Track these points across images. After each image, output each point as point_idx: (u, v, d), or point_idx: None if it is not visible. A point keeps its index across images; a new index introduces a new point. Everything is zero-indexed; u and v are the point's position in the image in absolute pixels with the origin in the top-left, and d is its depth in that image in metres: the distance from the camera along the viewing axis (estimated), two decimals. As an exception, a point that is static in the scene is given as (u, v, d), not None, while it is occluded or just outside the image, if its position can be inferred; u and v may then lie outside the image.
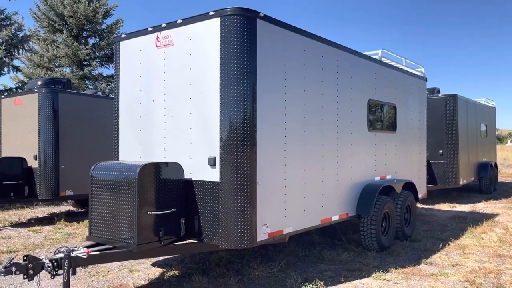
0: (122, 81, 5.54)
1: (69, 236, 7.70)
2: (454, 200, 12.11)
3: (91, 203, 4.68)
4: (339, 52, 5.98)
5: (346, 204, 6.13)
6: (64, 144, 9.01)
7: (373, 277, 5.29)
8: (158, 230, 4.41)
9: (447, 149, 11.55)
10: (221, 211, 4.48)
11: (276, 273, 5.43)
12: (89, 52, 18.43)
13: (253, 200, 4.48)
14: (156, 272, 5.54)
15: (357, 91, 6.42)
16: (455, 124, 11.63)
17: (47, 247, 6.91)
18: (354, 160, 6.35)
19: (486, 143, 14.75)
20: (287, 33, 5.02)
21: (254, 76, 4.51)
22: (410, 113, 8.08)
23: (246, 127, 4.44)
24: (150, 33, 5.19)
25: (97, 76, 18.85)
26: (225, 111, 4.45)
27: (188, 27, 4.82)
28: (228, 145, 4.44)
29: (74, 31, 18.30)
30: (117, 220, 4.41)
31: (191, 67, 4.77)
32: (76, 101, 9.31)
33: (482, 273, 5.46)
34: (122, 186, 4.35)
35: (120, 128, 5.58)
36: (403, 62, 8.10)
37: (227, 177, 4.44)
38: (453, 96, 11.65)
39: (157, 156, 5.12)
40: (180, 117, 4.89)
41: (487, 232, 7.86)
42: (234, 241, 4.44)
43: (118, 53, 5.59)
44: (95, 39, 19.30)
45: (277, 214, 4.86)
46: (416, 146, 8.33)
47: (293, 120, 5.12)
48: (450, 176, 11.54)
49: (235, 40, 4.44)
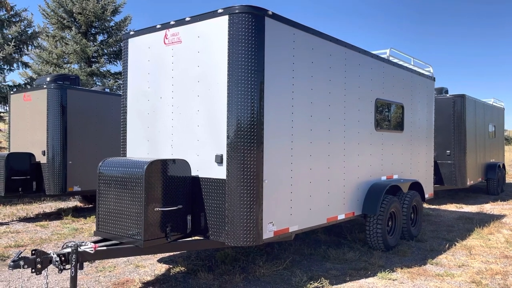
0: (130, 78, 5.57)
1: (76, 231, 7.76)
2: (461, 201, 12.04)
3: (99, 199, 4.72)
4: (347, 51, 5.97)
5: (352, 203, 6.12)
6: (72, 140, 9.08)
7: (378, 277, 5.29)
8: (165, 227, 4.44)
9: (454, 150, 11.49)
10: (228, 209, 4.50)
11: (281, 271, 5.44)
12: (98, 49, 18.54)
13: (259, 198, 4.49)
14: (162, 268, 5.57)
15: (364, 90, 6.40)
16: (463, 125, 11.56)
17: (55, 242, 6.97)
18: (360, 159, 6.33)
19: (494, 144, 14.65)
20: (295, 32, 5.02)
21: (261, 74, 4.52)
22: (418, 113, 8.04)
23: (253, 125, 4.45)
24: (158, 30, 5.22)
25: (105, 73, 18.96)
26: (233, 109, 4.47)
27: (196, 25, 4.83)
28: (235, 143, 4.45)
29: (82, 28, 18.42)
30: (124, 216, 4.44)
31: (199, 65, 4.79)
32: (85, 98, 9.38)
33: (488, 274, 5.44)
34: (130, 182, 4.38)
35: (127, 125, 5.61)
36: (411, 62, 8.05)
37: (234, 174, 4.46)
38: (461, 96, 11.58)
39: (164, 153, 5.14)
40: (187, 114, 4.91)
41: (494, 233, 7.82)
42: (240, 238, 4.46)
43: (127, 50, 5.62)
44: (103, 36, 19.42)
45: (283, 212, 4.87)
46: (424, 146, 8.29)
47: (300, 118, 5.12)
48: (457, 176, 11.48)
49: (243, 38, 4.45)
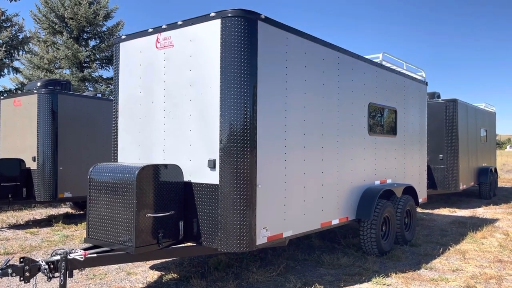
0: (122, 82, 5.51)
1: (67, 238, 7.65)
2: (453, 205, 12.07)
3: (89, 205, 4.65)
4: (340, 55, 5.96)
5: (346, 207, 6.09)
6: (62, 146, 8.97)
7: (373, 282, 5.24)
8: (157, 233, 4.37)
9: (447, 154, 11.52)
10: (221, 214, 4.44)
11: (275, 277, 5.38)
12: (89, 54, 18.43)
13: (253, 203, 4.44)
14: (154, 275, 5.49)
15: (357, 94, 6.39)
16: (455, 129, 11.61)
17: (45, 249, 6.86)
18: (354, 163, 6.31)
19: (486, 148, 14.73)
20: (288, 35, 5.00)
21: (254, 78, 4.48)
22: (411, 117, 8.05)
23: (247, 129, 4.40)
24: (150, 34, 5.17)
25: (97, 78, 18.85)
26: (226, 113, 4.42)
27: (188, 29, 4.79)
28: (228, 147, 4.40)
29: (74, 33, 18.31)
30: (115, 223, 4.37)
31: (192, 69, 4.74)
32: (76, 103, 9.28)
33: (482, 278, 5.42)
34: (121, 188, 4.31)
35: (119, 130, 5.54)
36: (404, 66, 8.07)
37: (227, 179, 4.41)
38: (453, 100, 11.64)
39: (156, 158, 5.08)
40: (179, 118, 4.85)
41: (487, 237, 7.82)
42: (233, 244, 4.40)
43: (118, 54, 5.56)
44: (95, 41, 19.31)
45: (277, 217, 4.82)
46: (417, 151, 8.30)
47: (293, 122, 5.08)
48: (450, 180, 11.51)
49: (236, 42, 4.41)
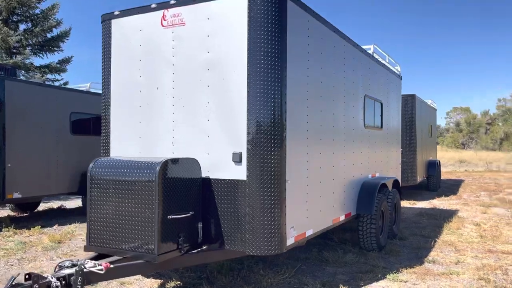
0: (114, 66, 4.78)
1: (25, 246, 6.65)
2: (410, 198, 12.44)
3: (90, 207, 3.95)
4: (346, 44, 5.69)
5: (349, 203, 5.86)
6: (11, 140, 7.83)
7: (389, 279, 5.06)
8: (177, 237, 3.81)
9: (406, 148, 11.84)
10: (248, 213, 3.97)
11: (288, 279, 5.01)
12: (20, 39, 16.59)
13: (282, 200, 4.02)
14: (153, 284, 4.86)
15: (357, 85, 6.19)
16: (413, 124, 11.97)
17: (5, 260, 5.88)
18: (355, 157, 6.11)
19: (431, 143, 15.45)
20: (310, 18, 4.62)
21: (285, 62, 4.05)
22: (391, 111, 8.05)
23: (276, 119, 3.97)
24: (153, 11, 4.52)
25: (29, 66, 17.03)
26: (254, 101, 3.94)
27: (204, 5, 4.23)
28: (258, 139, 3.93)
29: (3, 14, 16.36)
30: (127, 227, 3.73)
31: (209, 50, 4.19)
32: (26, 91, 8.15)
33: (487, 270, 5.47)
34: (136, 186, 3.69)
35: (111, 120, 4.81)
36: (386, 59, 8.04)
37: (256, 174, 3.94)
38: (412, 96, 11.98)
39: (162, 151, 4.46)
40: (194, 107, 4.28)
41: (461, 228, 8.05)
42: (262, 246, 3.95)
43: (109, 33, 4.82)
44: (27, 24, 17.43)
45: (301, 215, 4.44)
46: (396, 144, 8.34)
47: (313, 112, 4.73)
48: (409, 174, 11.85)
49: (266, 21, 3.95)
